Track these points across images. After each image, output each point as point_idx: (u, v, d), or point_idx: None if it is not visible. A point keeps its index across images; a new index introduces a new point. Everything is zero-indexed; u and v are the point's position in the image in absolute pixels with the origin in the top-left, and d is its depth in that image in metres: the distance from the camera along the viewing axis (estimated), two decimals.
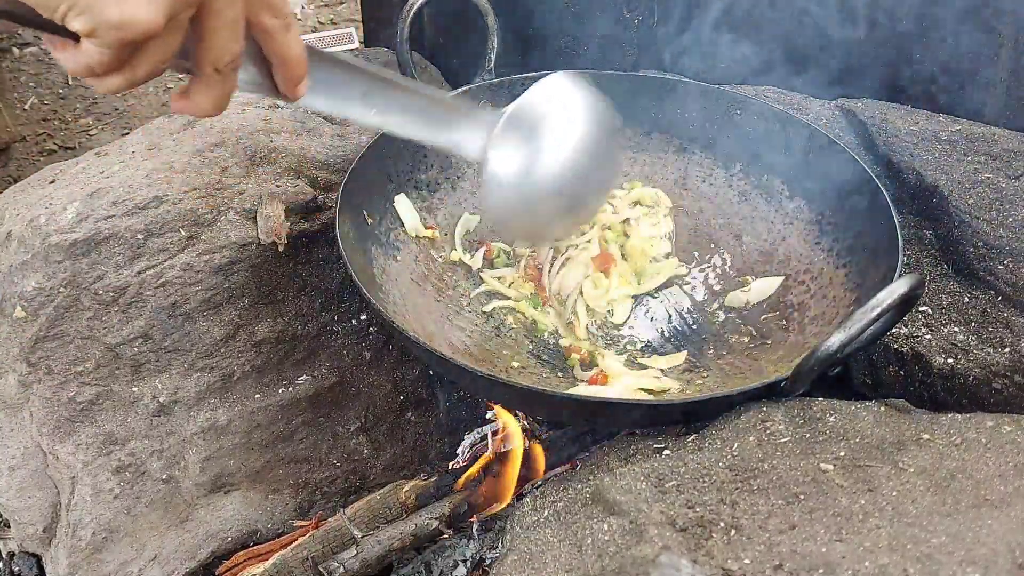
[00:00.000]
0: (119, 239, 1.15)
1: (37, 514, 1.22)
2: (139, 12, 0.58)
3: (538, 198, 0.95)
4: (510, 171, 0.93)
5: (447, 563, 1.16)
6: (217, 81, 0.69)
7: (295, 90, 0.76)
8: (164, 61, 0.64)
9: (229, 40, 0.67)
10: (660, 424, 0.99)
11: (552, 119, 0.94)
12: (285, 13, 0.71)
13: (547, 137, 0.93)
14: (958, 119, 1.32)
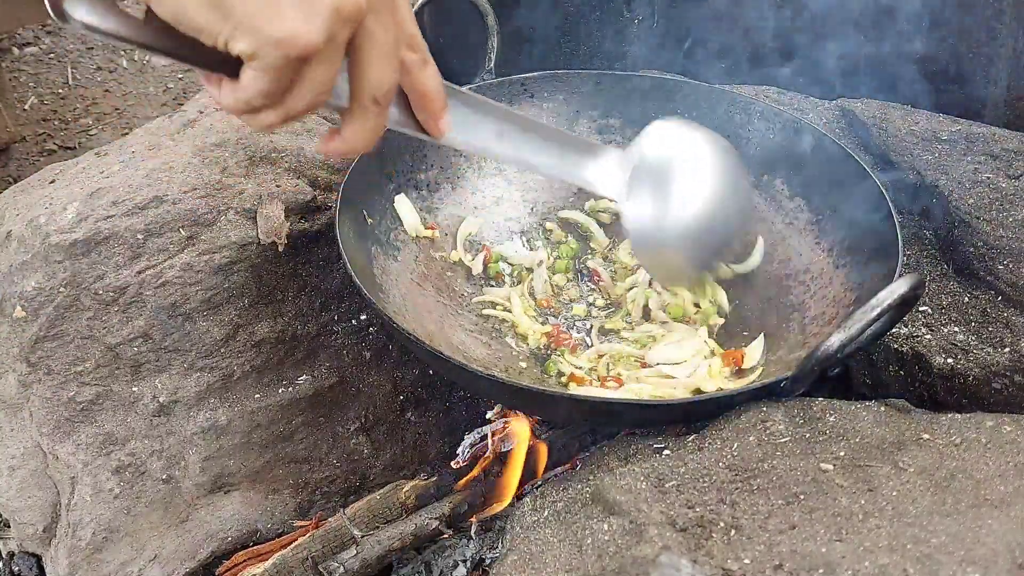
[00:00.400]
0: (119, 239, 1.15)
1: (37, 514, 1.22)
2: (300, 28, 0.59)
3: (677, 242, 0.98)
4: (647, 217, 0.96)
5: (447, 563, 1.16)
6: (373, 113, 0.69)
7: (439, 126, 0.77)
8: (324, 87, 0.64)
9: (386, 68, 0.67)
10: (660, 424, 0.99)
11: (682, 162, 0.97)
12: (423, 48, 0.72)
13: (679, 182, 0.96)
14: (958, 119, 1.32)
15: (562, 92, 1.37)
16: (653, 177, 0.95)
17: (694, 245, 1.00)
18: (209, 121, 1.33)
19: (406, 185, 1.29)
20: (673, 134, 0.98)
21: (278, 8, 0.59)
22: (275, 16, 0.59)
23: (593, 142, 0.96)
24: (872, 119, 1.33)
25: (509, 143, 0.86)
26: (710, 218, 0.99)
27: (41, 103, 2.54)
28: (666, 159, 0.96)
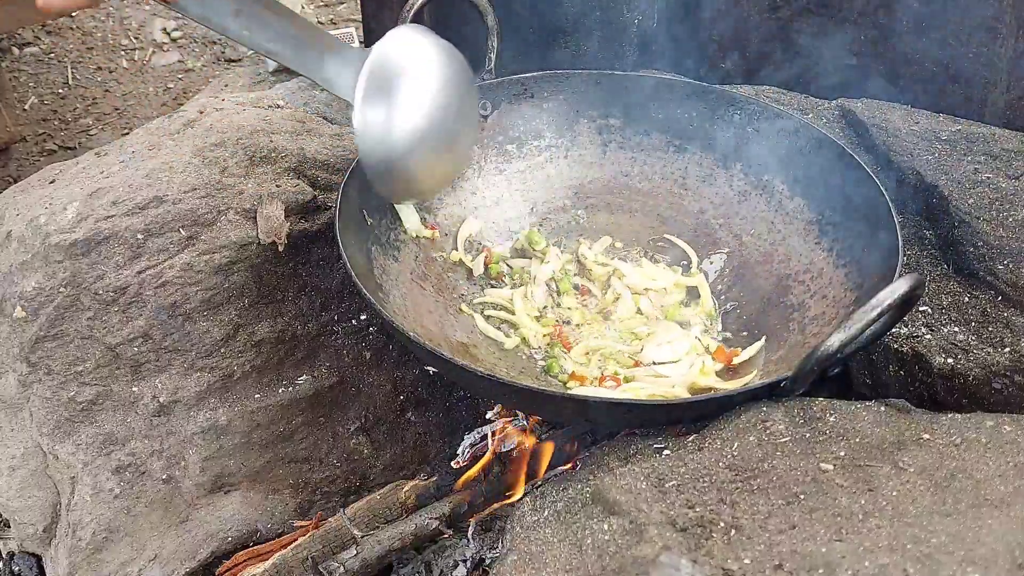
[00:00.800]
0: (119, 239, 1.15)
1: (37, 514, 1.22)
2: None
3: (406, 151, 1.03)
4: (377, 128, 1.00)
5: (447, 563, 1.16)
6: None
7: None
8: None
9: None
10: (660, 424, 0.99)
11: (411, 72, 1.01)
12: None
13: (407, 91, 1.01)
14: (958, 119, 1.32)
15: (562, 92, 1.37)
16: (384, 81, 0.99)
17: (420, 151, 1.04)
18: (209, 121, 1.33)
19: None
20: (407, 40, 1.03)
21: None
22: None
23: (334, 38, 0.99)
24: (872, 119, 1.33)
25: (246, 22, 0.87)
26: (436, 125, 1.04)
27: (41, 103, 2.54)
28: (397, 63, 1.00)
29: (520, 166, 1.38)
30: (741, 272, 1.28)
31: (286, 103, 1.44)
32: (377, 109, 1.00)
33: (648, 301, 1.26)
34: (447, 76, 1.06)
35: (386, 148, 1.02)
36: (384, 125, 1.01)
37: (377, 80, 0.99)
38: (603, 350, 1.19)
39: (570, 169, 1.40)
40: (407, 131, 1.03)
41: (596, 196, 1.39)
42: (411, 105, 1.02)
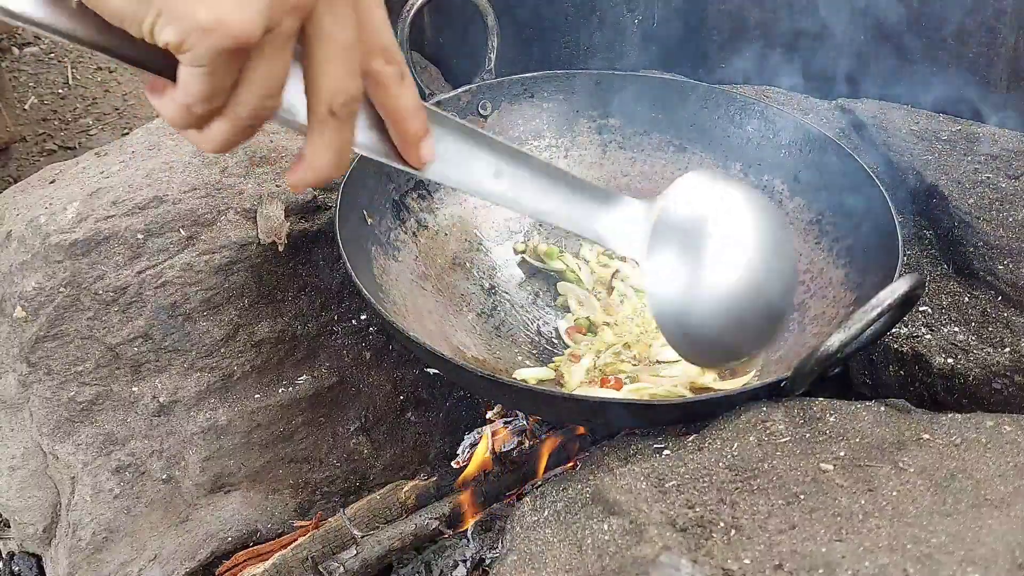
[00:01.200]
0: (119, 239, 1.15)
1: (37, 514, 1.22)
2: (231, 13, 0.50)
3: (713, 314, 0.81)
4: (674, 286, 0.80)
5: (447, 563, 1.16)
6: (332, 128, 0.58)
7: (419, 152, 0.66)
8: (272, 88, 0.55)
9: (343, 72, 0.57)
10: (660, 424, 0.99)
11: (717, 218, 0.81)
12: (399, 60, 0.61)
13: (716, 241, 0.80)
14: (958, 119, 1.32)
15: (562, 92, 1.37)
16: (681, 235, 0.79)
17: (734, 320, 0.82)
18: None
19: (406, 185, 1.29)
20: (706, 187, 0.82)
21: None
22: (201, 2, 0.50)
23: (609, 190, 0.81)
24: (872, 119, 1.33)
25: (508, 183, 0.73)
26: (755, 290, 0.82)
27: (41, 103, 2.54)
28: (698, 215, 0.80)
29: None
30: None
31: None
32: (673, 267, 0.80)
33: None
34: (756, 224, 0.83)
35: (688, 313, 0.81)
36: (684, 286, 0.80)
37: (671, 232, 0.79)
38: (599, 344, 1.19)
39: (570, 169, 1.40)
40: (712, 292, 0.81)
41: None
42: (715, 262, 0.80)
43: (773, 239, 0.84)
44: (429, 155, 0.67)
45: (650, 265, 0.80)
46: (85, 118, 2.52)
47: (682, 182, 0.81)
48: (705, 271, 0.80)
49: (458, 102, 1.33)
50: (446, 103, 1.31)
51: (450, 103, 1.32)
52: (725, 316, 0.82)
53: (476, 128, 0.72)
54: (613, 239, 0.80)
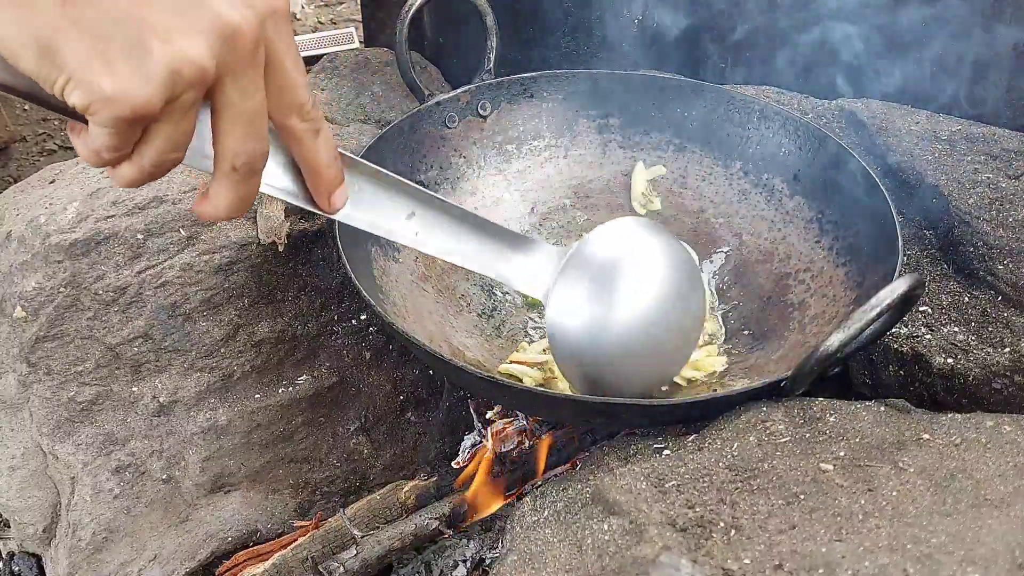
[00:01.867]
0: (119, 239, 1.15)
1: (37, 514, 1.22)
2: (132, 87, 0.54)
3: (611, 351, 0.87)
4: (576, 321, 0.85)
5: (447, 563, 1.16)
6: (234, 181, 0.63)
7: (328, 202, 0.71)
8: (173, 151, 0.59)
9: (246, 137, 0.61)
10: (660, 424, 0.99)
11: (623, 262, 0.86)
12: (314, 116, 0.66)
13: (619, 282, 0.86)
14: (958, 119, 1.32)
15: (562, 92, 1.37)
16: (589, 275, 0.85)
17: (628, 358, 0.88)
18: None
19: None
20: (620, 234, 0.88)
21: (109, 62, 0.53)
22: (105, 71, 0.53)
23: (526, 236, 0.87)
24: (872, 119, 1.33)
25: (419, 225, 0.78)
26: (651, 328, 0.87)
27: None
28: (607, 256, 0.85)
29: (520, 166, 1.39)
30: (741, 271, 1.28)
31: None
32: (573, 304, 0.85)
33: None
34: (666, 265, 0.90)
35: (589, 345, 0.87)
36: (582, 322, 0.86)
37: (577, 272, 0.85)
38: None
39: (570, 169, 1.40)
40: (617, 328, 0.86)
41: (596, 196, 1.39)
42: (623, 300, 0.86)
43: (678, 288, 0.89)
44: (339, 203, 0.72)
45: (552, 302, 0.85)
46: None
47: (599, 229, 0.87)
48: (603, 309, 0.85)
49: (458, 102, 1.33)
50: (446, 103, 1.32)
51: (450, 103, 1.32)
52: (619, 354, 0.87)
53: (391, 174, 0.76)
54: (519, 281, 0.86)
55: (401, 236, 0.79)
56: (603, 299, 0.86)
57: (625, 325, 0.87)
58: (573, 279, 0.86)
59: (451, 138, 1.34)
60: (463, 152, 1.35)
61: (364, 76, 1.55)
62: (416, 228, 0.79)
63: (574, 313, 0.86)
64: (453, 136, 1.34)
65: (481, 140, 1.36)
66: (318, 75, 1.56)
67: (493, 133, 1.37)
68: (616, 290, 0.86)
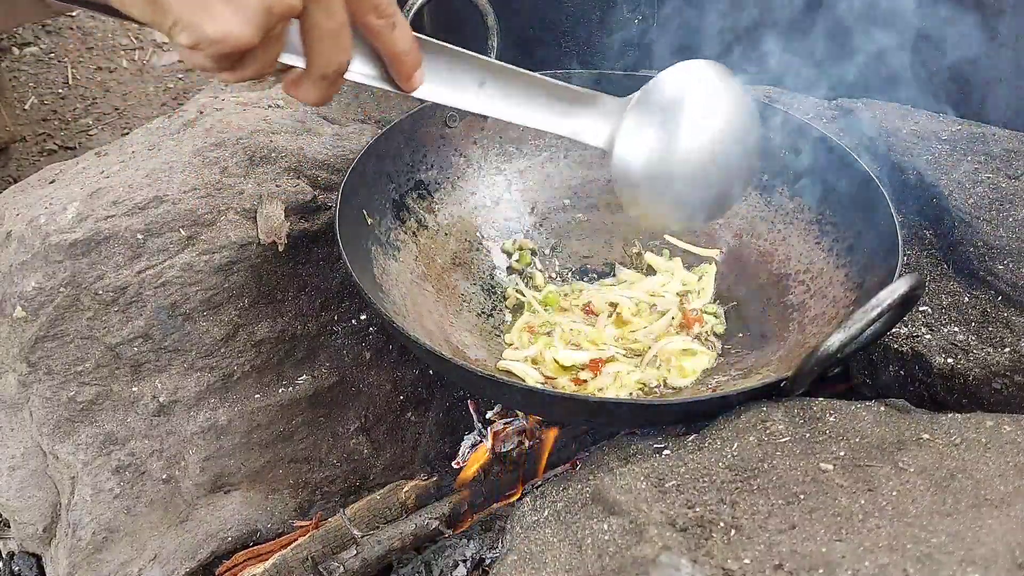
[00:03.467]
0: (119, 239, 1.15)
1: (37, 514, 1.22)
2: (234, 29, 0.63)
3: (672, 189, 0.90)
4: (639, 160, 0.89)
5: (447, 563, 1.16)
6: (323, 85, 0.73)
7: (409, 83, 0.79)
8: (268, 66, 0.69)
9: (332, 51, 0.71)
10: (660, 424, 0.99)
11: (687, 104, 0.89)
12: (390, 12, 0.75)
13: (682, 123, 0.89)
14: (958, 119, 1.32)
15: None
16: (651, 119, 0.88)
17: (690, 184, 0.90)
18: (209, 121, 1.33)
19: (406, 185, 1.29)
20: (682, 75, 0.90)
21: (210, 7, 0.62)
22: (208, 15, 0.62)
23: (588, 91, 0.90)
24: (872, 119, 1.33)
25: (490, 92, 0.85)
26: (710, 159, 0.90)
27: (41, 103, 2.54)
28: (670, 97, 0.89)
29: (520, 166, 1.39)
30: (741, 272, 1.28)
31: (286, 103, 1.44)
32: (641, 141, 0.89)
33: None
34: (730, 109, 0.92)
35: (651, 183, 0.90)
36: (648, 159, 0.89)
37: (647, 109, 0.88)
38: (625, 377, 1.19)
39: (570, 169, 1.40)
40: (678, 166, 0.89)
41: (596, 196, 1.39)
42: (685, 139, 0.89)
43: (739, 125, 0.92)
44: (420, 81, 0.80)
45: (617, 147, 0.89)
46: (85, 118, 2.52)
47: (664, 73, 0.91)
48: (668, 138, 0.89)
49: None
50: None
51: None
52: (681, 179, 0.90)
53: (463, 50, 0.83)
54: (586, 133, 0.90)
55: (475, 105, 0.85)
56: (668, 129, 0.88)
57: (688, 152, 0.89)
58: (641, 116, 0.89)
59: (452, 138, 1.34)
60: (464, 152, 1.35)
61: None
62: (488, 95, 0.85)
63: (640, 143, 0.89)
64: (454, 136, 1.34)
65: (482, 140, 1.36)
66: None
67: (494, 133, 1.37)
68: (681, 123, 0.89)
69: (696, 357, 1.18)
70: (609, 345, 1.19)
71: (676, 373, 1.15)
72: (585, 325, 1.23)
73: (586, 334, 1.21)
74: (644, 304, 1.26)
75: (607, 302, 1.26)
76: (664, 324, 1.22)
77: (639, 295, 1.26)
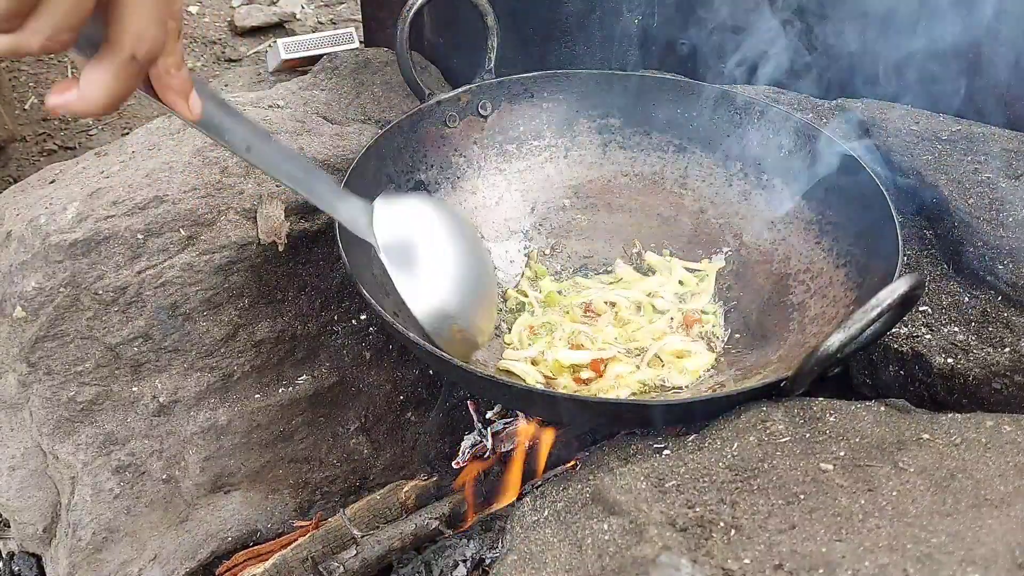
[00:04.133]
0: (119, 239, 1.15)
1: (37, 514, 1.22)
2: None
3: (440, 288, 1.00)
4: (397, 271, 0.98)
5: (447, 563, 1.16)
6: (126, 73, 0.59)
7: (189, 104, 0.69)
8: (70, 18, 0.54)
9: (151, 21, 0.58)
10: (660, 424, 0.99)
11: (425, 233, 1.02)
12: (181, 20, 0.65)
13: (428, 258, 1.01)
14: (958, 119, 1.32)
15: (562, 92, 1.37)
16: (403, 251, 0.98)
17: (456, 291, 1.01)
18: None
19: (406, 185, 1.29)
20: (406, 205, 1.02)
21: None
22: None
23: (338, 190, 0.95)
24: (872, 119, 1.33)
25: (257, 158, 0.81)
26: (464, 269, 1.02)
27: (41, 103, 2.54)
28: (407, 226, 1.00)
29: (520, 166, 1.39)
30: (741, 272, 1.28)
31: (286, 103, 1.44)
32: (410, 278, 0.99)
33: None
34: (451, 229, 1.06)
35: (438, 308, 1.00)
36: (424, 291, 1.00)
37: (397, 252, 0.99)
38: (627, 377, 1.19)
39: (570, 169, 1.40)
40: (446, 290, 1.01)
41: (596, 196, 1.39)
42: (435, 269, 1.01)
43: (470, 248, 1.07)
44: (198, 108, 0.70)
45: (382, 246, 0.97)
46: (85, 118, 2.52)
47: (382, 202, 0.98)
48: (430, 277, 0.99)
49: (458, 102, 1.33)
50: (446, 103, 1.32)
51: (450, 103, 1.32)
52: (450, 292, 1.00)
53: (237, 110, 0.78)
54: (352, 225, 0.95)
55: (252, 161, 0.82)
56: (415, 275, 0.99)
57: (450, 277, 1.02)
58: (396, 257, 0.98)
59: (451, 138, 1.34)
60: (463, 152, 1.35)
61: (364, 76, 1.55)
62: (256, 160, 0.82)
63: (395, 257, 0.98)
64: (453, 136, 1.34)
65: (481, 140, 1.36)
66: (318, 75, 1.56)
67: (493, 133, 1.37)
68: (421, 265, 1.00)
69: (696, 357, 1.18)
70: (610, 345, 1.19)
71: (676, 373, 1.16)
72: (586, 325, 1.23)
73: (587, 334, 1.21)
74: (643, 304, 1.26)
75: (605, 301, 1.26)
76: (664, 324, 1.22)
77: (637, 295, 1.26)
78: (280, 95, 1.47)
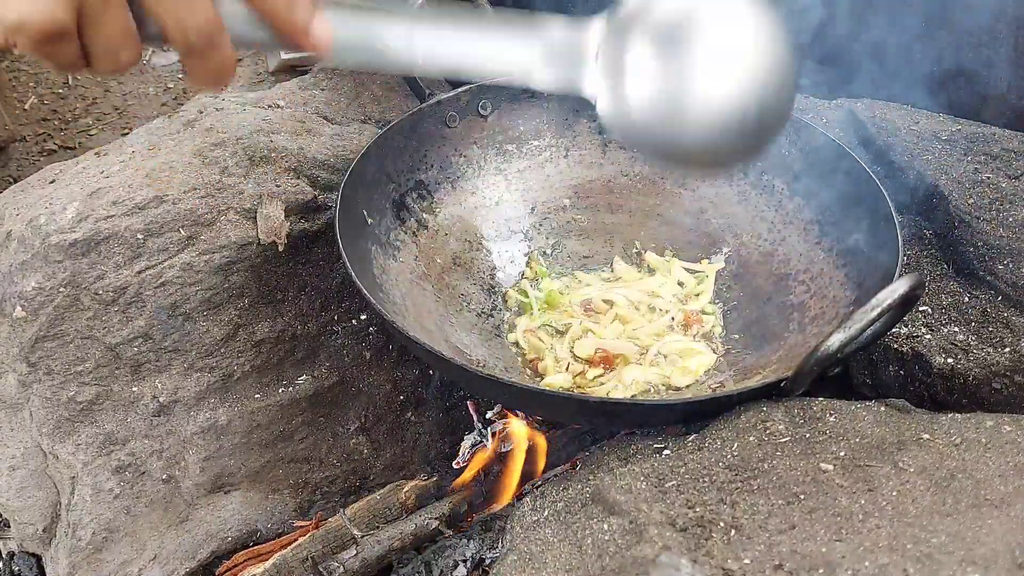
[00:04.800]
0: (119, 239, 1.15)
1: (37, 514, 1.22)
2: (27, 12, 0.52)
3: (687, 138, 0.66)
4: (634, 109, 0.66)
5: (447, 563, 1.16)
6: (199, 58, 0.59)
7: (309, 35, 0.61)
8: (114, 42, 0.56)
9: (183, 9, 0.56)
10: (660, 424, 0.99)
11: (697, 24, 0.64)
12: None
13: (695, 52, 0.64)
14: (958, 119, 1.32)
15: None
16: (646, 45, 0.64)
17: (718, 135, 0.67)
18: (209, 121, 1.33)
19: (406, 185, 1.29)
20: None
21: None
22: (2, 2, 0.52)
23: (540, 19, 0.68)
24: (872, 119, 1.33)
25: (424, 44, 0.65)
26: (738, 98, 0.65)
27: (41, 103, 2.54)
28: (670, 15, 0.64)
29: (520, 166, 1.39)
30: (741, 272, 1.28)
31: (286, 103, 1.44)
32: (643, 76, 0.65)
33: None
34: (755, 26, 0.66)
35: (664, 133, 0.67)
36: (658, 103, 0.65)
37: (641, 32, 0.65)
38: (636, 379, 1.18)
39: (570, 169, 1.40)
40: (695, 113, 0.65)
41: (596, 196, 1.39)
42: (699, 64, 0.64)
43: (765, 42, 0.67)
44: (323, 33, 0.62)
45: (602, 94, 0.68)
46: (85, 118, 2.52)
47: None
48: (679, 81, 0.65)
49: (458, 101, 1.33)
50: (447, 103, 1.32)
51: (451, 102, 1.32)
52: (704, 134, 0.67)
53: (374, 5, 0.66)
54: (553, 77, 0.68)
55: (409, 63, 0.67)
56: (675, 64, 0.64)
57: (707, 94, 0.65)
58: (631, 44, 0.65)
59: (452, 138, 1.34)
60: (464, 152, 1.35)
61: (364, 76, 1.55)
62: (423, 47, 0.66)
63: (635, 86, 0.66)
64: (454, 136, 1.34)
65: (482, 140, 1.36)
66: (318, 75, 1.56)
67: (494, 133, 1.37)
68: (694, 53, 0.64)
69: (697, 357, 1.18)
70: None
71: (677, 373, 1.16)
72: (591, 323, 1.23)
73: (594, 331, 1.21)
74: (643, 304, 1.26)
75: (604, 300, 1.26)
76: (664, 323, 1.22)
77: (636, 295, 1.26)
78: (280, 95, 1.47)
